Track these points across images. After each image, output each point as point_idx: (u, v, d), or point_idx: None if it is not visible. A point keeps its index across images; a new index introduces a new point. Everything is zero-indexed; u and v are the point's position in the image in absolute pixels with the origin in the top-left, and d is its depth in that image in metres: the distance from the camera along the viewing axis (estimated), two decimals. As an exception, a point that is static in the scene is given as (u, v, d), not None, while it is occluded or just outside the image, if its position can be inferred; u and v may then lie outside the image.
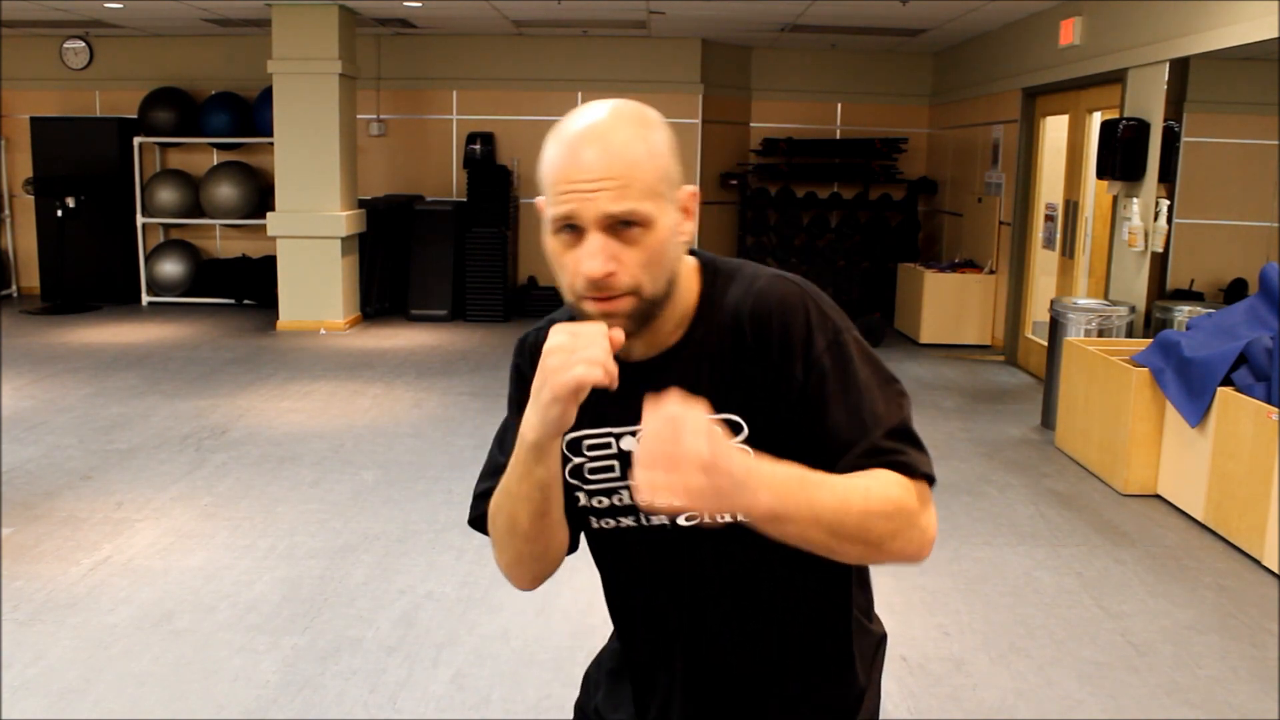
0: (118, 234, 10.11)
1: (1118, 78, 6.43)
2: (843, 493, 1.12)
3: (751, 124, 10.71)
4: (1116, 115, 6.37)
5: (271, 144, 8.98)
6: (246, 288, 10.11)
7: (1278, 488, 4.05)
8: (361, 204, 9.48)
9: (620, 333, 1.13)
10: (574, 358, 1.07)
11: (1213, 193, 6.16)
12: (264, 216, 9.19)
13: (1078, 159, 7.27)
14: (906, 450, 1.19)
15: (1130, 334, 5.90)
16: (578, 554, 1.38)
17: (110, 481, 4.84)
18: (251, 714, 2.91)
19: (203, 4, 8.44)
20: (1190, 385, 4.65)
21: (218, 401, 6.35)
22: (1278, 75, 5.45)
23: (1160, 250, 5.92)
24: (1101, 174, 6.37)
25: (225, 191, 9.96)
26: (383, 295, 9.74)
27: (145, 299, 10.19)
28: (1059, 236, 7.51)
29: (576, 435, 1.28)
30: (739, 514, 1.09)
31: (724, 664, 1.34)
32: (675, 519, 1.27)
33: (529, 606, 3.60)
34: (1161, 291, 6.03)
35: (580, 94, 10.23)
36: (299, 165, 8.73)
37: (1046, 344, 6.50)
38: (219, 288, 10.20)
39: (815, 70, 10.57)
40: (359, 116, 9.59)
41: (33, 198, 10.01)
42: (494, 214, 9.69)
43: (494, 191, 9.75)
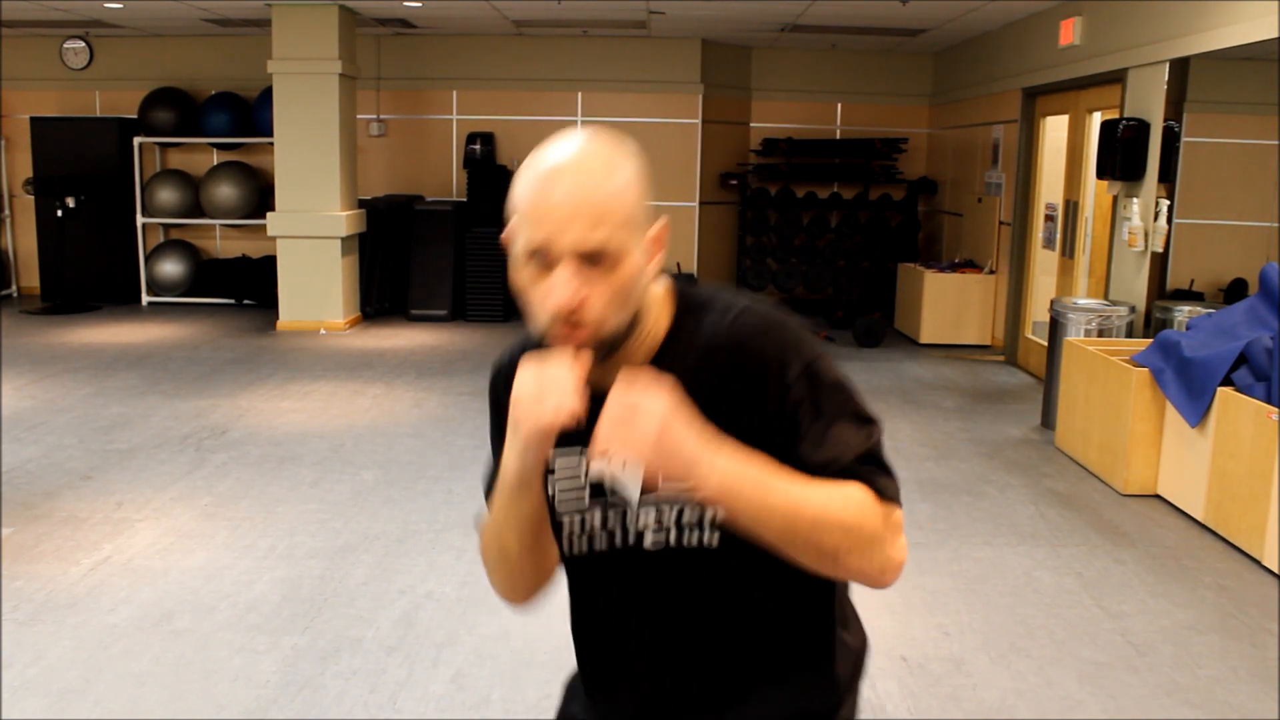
0: (118, 234, 10.12)
1: (1118, 78, 6.43)
2: (800, 495, 1.14)
3: (751, 124, 10.71)
4: (1116, 115, 6.37)
5: (271, 144, 8.98)
6: (246, 288, 10.11)
7: (1278, 488, 4.05)
8: (361, 204, 9.48)
9: (588, 354, 1.16)
10: (542, 405, 1.12)
11: (1213, 193, 6.16)
12: (264, 216, 9.20)
13: (1078, 159, 7.27)
14: (876, 475, 1.20)
15: (1130, 334, 5.90)
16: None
17: (110, 481, 4.84)
18: (251, 714, 2.91)
19: (203, 4, 8.44)
20: (1190, 385, 4.65)
21: (218, 401, 6.35)
22: (1278, 75, 5.45)
23: (1160, 250, 5.92)
24: (1101, 174, 6.37)
25: (225, 191, 9.96)
26: (383, 295, 9.74)
27: (145, 299, 10.19)
28: (1059, 236, 7.51)
29: (549, 456, 1.30)
30: (691, 494, 1.11)
31: (691, 688, 1.33)
32: (641, 541, 1.27)
33: (529, 606, 3.60)
34: (1161, 291, 6.03)
35: (580, 94, 10.24)
36: (299, 165, 8.73)
37: (1046, 344, 6.51)
38: (219, 288, 10.20)
39: (815, 70, 10.57)
40: (359, 116, 9.60)
41: (33, 198, 10.01)
42: (494, 214, 9.68)
43: (494, 191, 9.74)
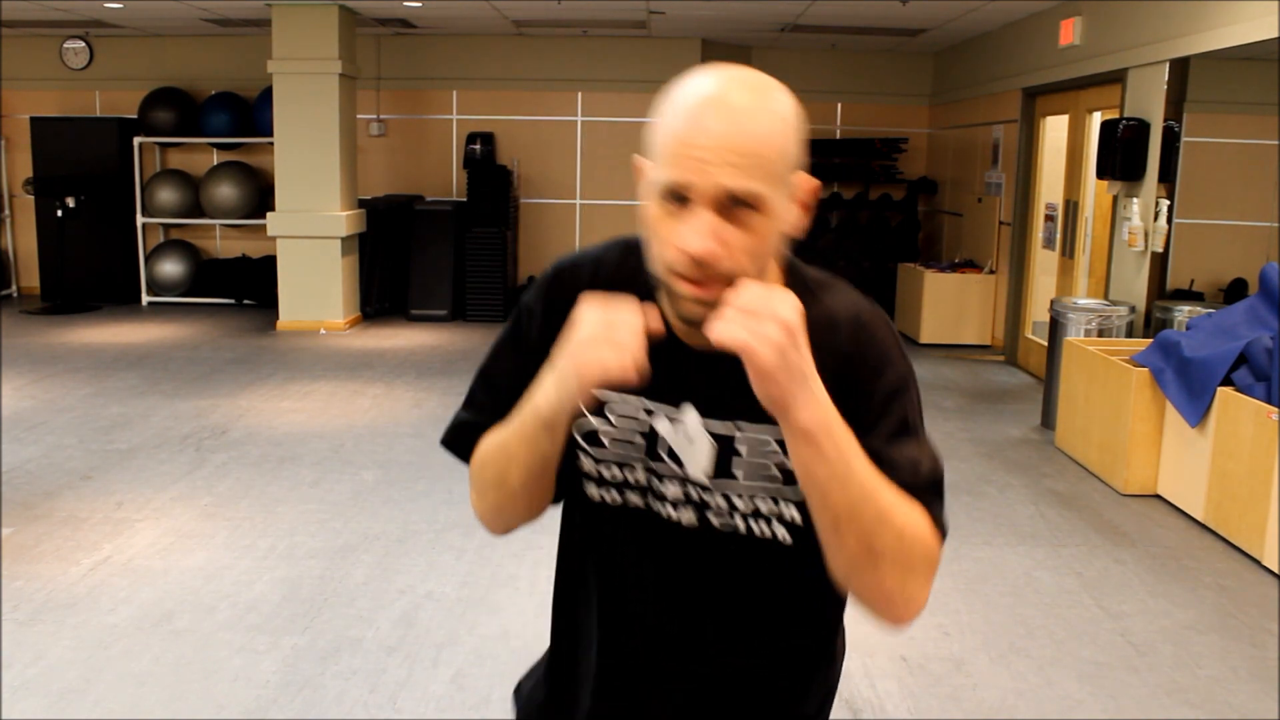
0: (118, 234, 10.12)
1: (1118, 78, 6.43)
2: (876, 479, 1.07)
3: (751, 124, 10.70)
4: (1116, 115, 6.37)
5: (271, 144, 8.98)
6: (246, 288, 10.11)
7: (1278, 488, 4.05)
8: (361, 204, 9.48)
9: (658, 323, 1.07)
10: (607, 352, 1.02)
11: (1213, 193, 6.16)
12: (264, 216, 9.20)
13: (1078, 159, 7.27)
14: (937, 506, 1.13)
15: (1130, 334, 5.90)
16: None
17: (110, 481, 4.84)
18: (251, 714, 2.91)
19: (203, 4, 8.44)
20: (1190, 385, 4.65)
21: (218, 401, 6.35)
22: (1278, 75, 5.45)
23: (1160, 250, 5.92)
24: (1101, 174, 6.37)
25: (225, 191, 9.96)
26: (383, 295, 9.74)
27: (145, 299, 10.19)
28: (1059, 236, 7.51)
29: (605, 395, 1.19)
30: (778, 409, 1.01)
31: (677, 674, 1.25)
32: (704, 516, 1.18)
33: (529, 606, 3.60)
34: (1161, 291, 6.03)
35: (580, 94, 10.24)
36: (299, 165, 8.73)
37: (1046, 344, 6.51)
38: (219, 288, 10.20)
39: (815, 70, 10.57)
40: (359, 116, 9.60)
41: (33, 198, 10.01)
42: (494, 214, 9.70)
43: (494, 191, 9.75)
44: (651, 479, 1.20)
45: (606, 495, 1.22)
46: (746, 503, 1.17)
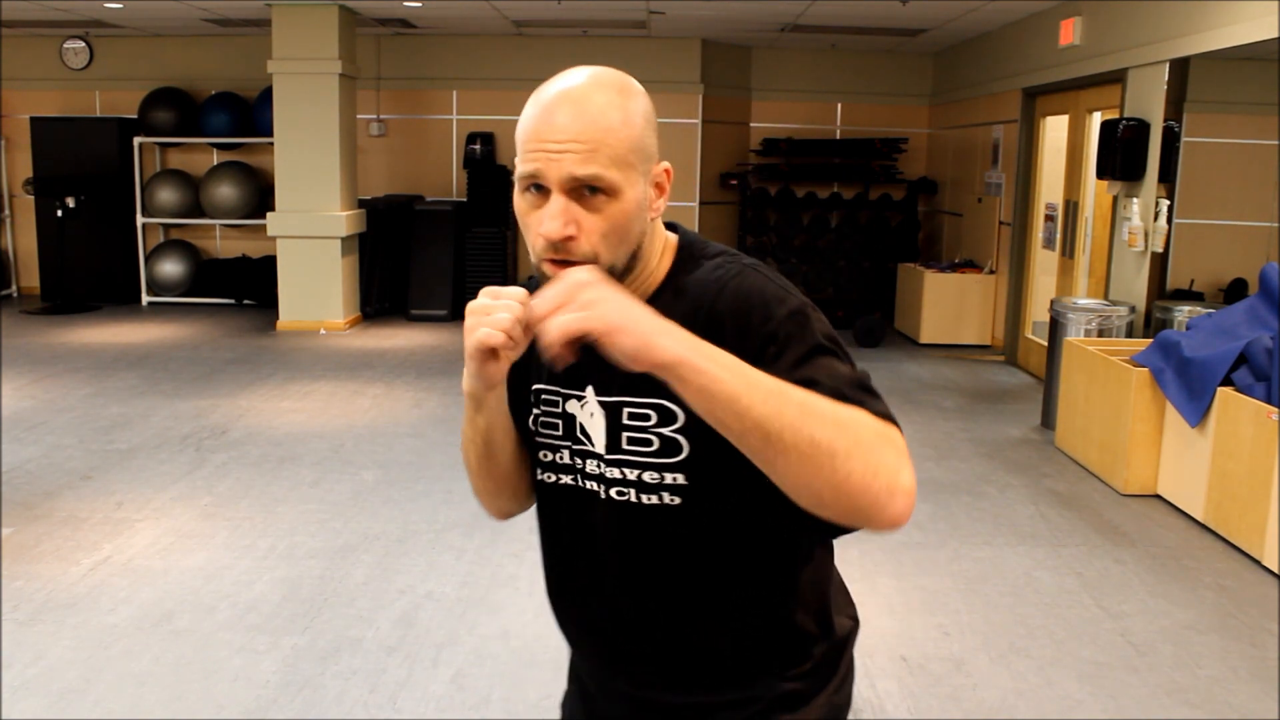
0: (118, 234, 10.12)
1: (1118, 78, 6.43)
2: (787, 386, 1.04)
3: (751, 124, 10.71)
4: (1116, 115, 6.37)
5: (271, 144, 8.98)
6: (246, 288, 10.11)
7: (1278, 488, 4.05)
8: (361, 204, 9.48)
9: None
10: (485, 319, 1.08)
11: (1213, 193, 6.16)
12: (264, 216, 9.20)
13: (1078, 159, 7.27)
14: (870, 398, 1.10)
15: (1130, 334, 5.90)
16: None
17: (110, 481, 4.84)
18: (251, 714, 2.91)
19: (203, 4, 8.44)
20: (1190, 385, 4.65)
21: (218, 401, 6.35)
22: (1278, 75, 5.45)
23: (1160, 250, 5.92)
24: (1101, 174, 6.37)
25: (225, 191, 9.96)
26: (383, 295, 9.74)
27: (145, 299, 10.19)
28: (1059, 236, 7.51)
29: (538, 387, 1.29)
30: (643, 360, 1.01)
31: (640, 653, 1.29)
32: (609, 490, 1.24)
33: (529, 606, 3.60)
34: (1161, 291, 6.03)
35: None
36: (299, 165, 8.73)
37: (1046, 344, 6.51)
38: (219, 288, 10.20)
39: (815, 70, 10.57)
40: (359, 116, 9.60)
41: (33, 198, 10.01)
42: (494, 214, 9.70)
43: (494, 191, 9.75)
44: (575, 458, 1.27)
45: (547, 477, 1.31)
46: (634, 472, 1.22)
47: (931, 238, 10.40)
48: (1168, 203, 5.87)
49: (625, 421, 1.22)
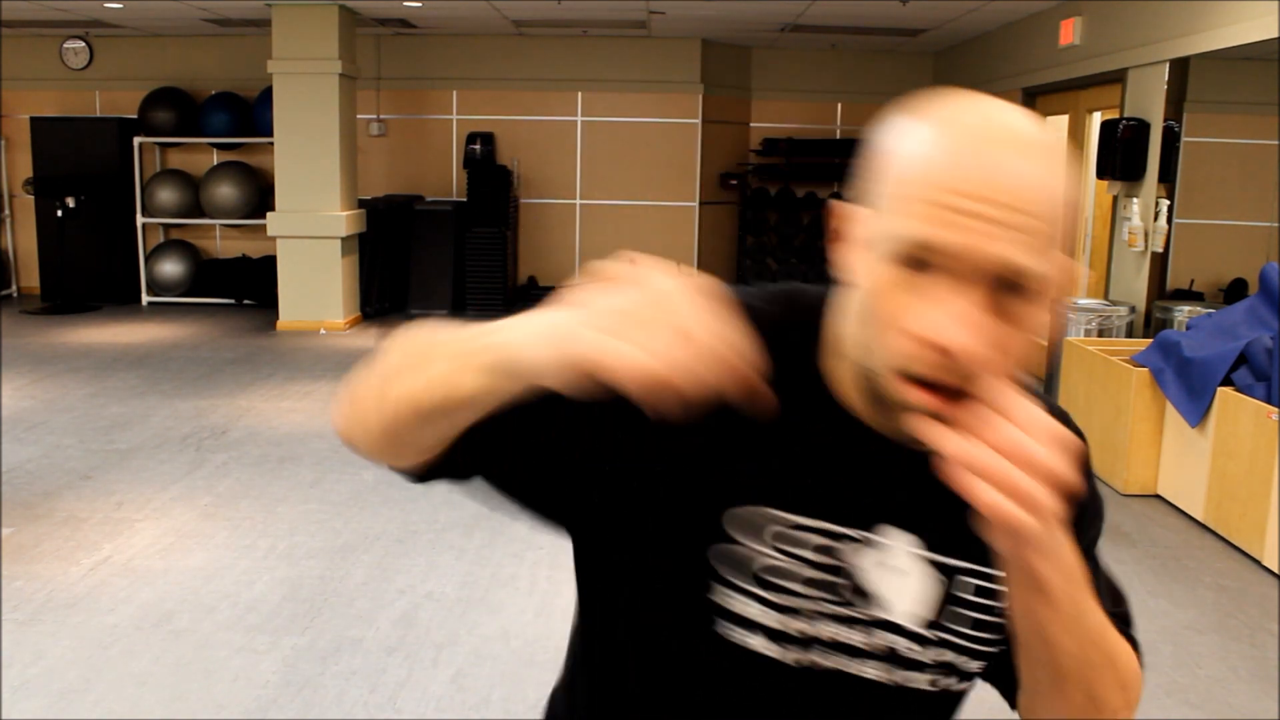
0: (118, 234, 10.11)
1: (1118, 78, 6.43)
2: (1105, 625, 0.86)
3: (751, 124, 10.71)
4: (1116, 115, 6.37)
5: (271, 144, 8.98)
6: (246, 288, 10.11)
7: (1278, 488, 4.05)
8: (361, 204, 9.48)
9: (759, 386, 0.70)
10: (643, 330, 0.65)
11: (1213, 193, 6.16)
12: (264, 216, 9.19)
13: (1077, 159, 7.27)
14: (1133, 629, 0.96)
15: (1130, 334, 5.90)
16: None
17: (110, 481, 4.84)
18: (251, 714, 2.91)
19: (203, 4, 8.44)
20: (1190, 385, 4.65)
21: (218, 401, 6.35)
22: (1278, 75, 5.45)
23: (1160, 250, 5.92)
24: (1101, 174, 6.37)
25: (225, 191, 9.96)
26: (383, 295, 9.74)
27: (145, 299, 10.19)
28: (1059, 236, 7.51)
29: (771, 514, 0.85)
30: (1012, 558, 0.77)
31: None
32: (863, 665, 0.89)
33: (529, 606, 3.60)
34: (1161, 291, 6.03)
35: (580, 94, 10.24)
36: (299, 165, 8.73)
37: (1046, 344, 6.51)
38: (219, 288, 10.20)
39: (815, 70, 10.57)
40: (359, 116, 9.59)
41: (33, 198, 10.01)
42: (494, 214, 9.70)
43: (494, 191, 9.75)
44: (833, 625, 0.88)
45: (730, 633, 0.87)
46: (949, 655, 0.91)
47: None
48: (1168, 203, 5.87)
49: (968, 596, 0.89)
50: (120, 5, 8.60)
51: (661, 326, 0.65)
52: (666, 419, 0.70)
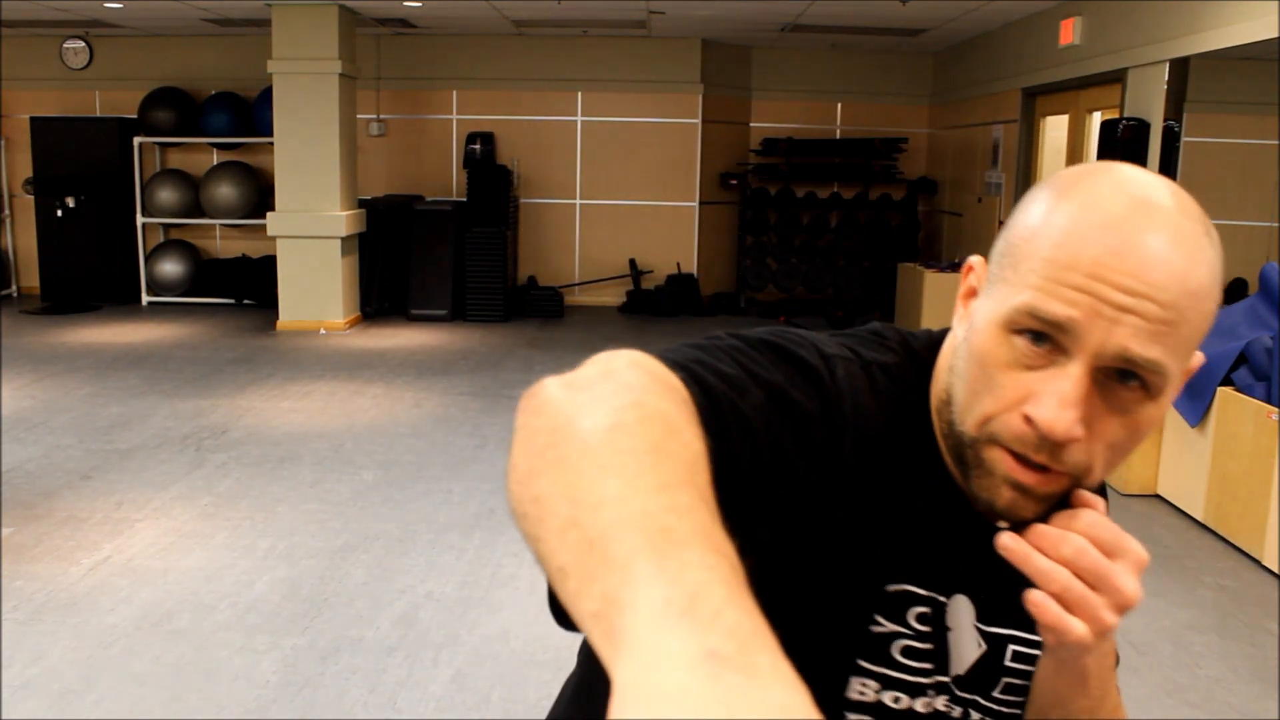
0: (118, 234, 10.11)
1: (1118, 78, 6.43)
2: (1117, 699, 0.88)
3: (751, 124, 10.71)
4: (1116, 115, 6.37)
5: (271, 144, 8.98)
6: (246, 288, 10.11)
7: (1278, 488, 4.05)
8: (361, 204, 9.48)
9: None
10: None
11: (1213, 193, 6.16)
12: (264, 216, 9.19)
13: (1078, 159, 7.27)
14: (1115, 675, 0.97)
15: (1130, 334, 5.89)
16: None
17: (110, 481, 4.84)
18: (251, 714, 2.91)
19: (203, 4, 8.44)
20: (1190, 385, 4.66)
21: (218, 401, 6.35)
22: (1278, 75, 5.45)
23: (1160, 250, 5.92)
24: (1101, 174, 6.36)
25: (225, 191, 9.96)
26: (383, 295, 9.74)
27: (145, 299, 10.19)
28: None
29: (900, 589, 0.83)
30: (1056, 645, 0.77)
31: None
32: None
33: (529, 606, 3.60)
34: (1161, 291, 6.02)
35: (580, 94, 10.24)
36: (299, 165, 8.73)
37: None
38: (219, 288, 10.20)
39: (815, 70, 10.57)
40: (359, 116, 9.60)
41: (33, 198, 10.02)
42: (494, 214, 9.70)
43: (494, 191, 9.75)
44: (927, 695, 0.88)
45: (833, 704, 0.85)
46: (981, 718, 0.91)
47: (931, 238, 10.40)
48: (1168, 203, 5.87)
49: (1008, 663, 0.89)
50: (120, 5, 8.60)
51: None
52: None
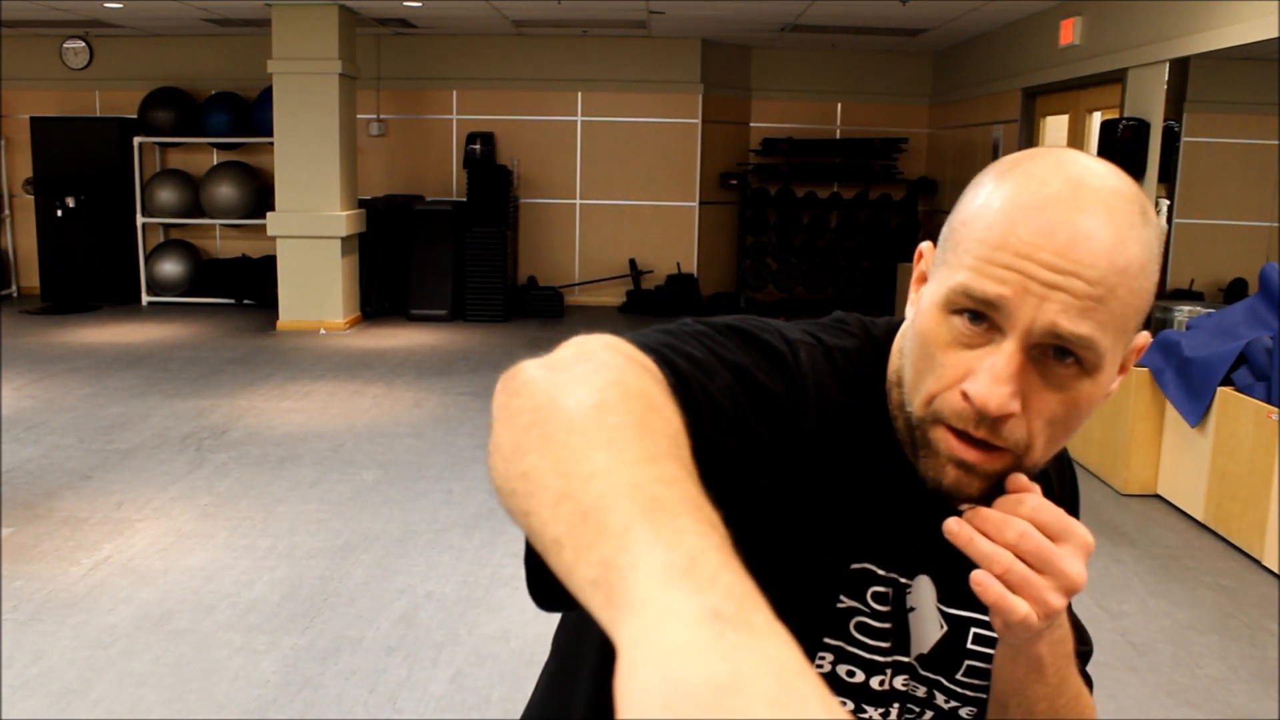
0: (118, 234, 10.12)
1: (1118, 78, 6.43)
2: (1079, 685, 0.88)
3: (751, 124, 10.71)
4: (1116, 115, 6.37)
5: (271, 144, 8.98)
6: (246, 288, 10.11)
7: (1278, 488, 4.05)
8: (361, 204, 9.48)
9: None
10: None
11: (1212, 193, 6.16)
12: (264, 216, 9.19)
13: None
14: (1089, 673, 0.96)
15: (1130, 334, 5.89)
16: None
17: (110, 481, 4.84)
18: (251, 714, 2.91)
19: (203, 4, 8.44)
20: (1190, 385, 4.65)
21: (218, 401, 6.35)
22: (1278, 75, 5.45)
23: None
24: (1101, 174, 6.36)
25: (225, 191, 9.96)
26: (383, 295, 9.74)
27: (145, 299, 10.19)
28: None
29: (864, 569, 0.85)
30: (1023, 645, 0.79)
31: None
32: (884, 708, 0.90)
33: (529, 606, 3.59)
34: (1161, 291, 6.02)
35: (580, 94, 10.24)
36: (299, 165, 8.73)
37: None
38: (219, 288, 10.21)
39: (815, 70, 10.57)
40: (359, 116, 9.60)
41: (33, 198, 10.02)
42: (494, 214, 9.70)
43: (494, 191, 9.75)
44: (886, 675, 0.89)
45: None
46: (943, 699, 0.92)
47: (931, 238, 10.37)
48: (1168, 203, 5.87)
49: (970, 645, 0.90)
50: (120, 5, 8.60)
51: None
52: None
